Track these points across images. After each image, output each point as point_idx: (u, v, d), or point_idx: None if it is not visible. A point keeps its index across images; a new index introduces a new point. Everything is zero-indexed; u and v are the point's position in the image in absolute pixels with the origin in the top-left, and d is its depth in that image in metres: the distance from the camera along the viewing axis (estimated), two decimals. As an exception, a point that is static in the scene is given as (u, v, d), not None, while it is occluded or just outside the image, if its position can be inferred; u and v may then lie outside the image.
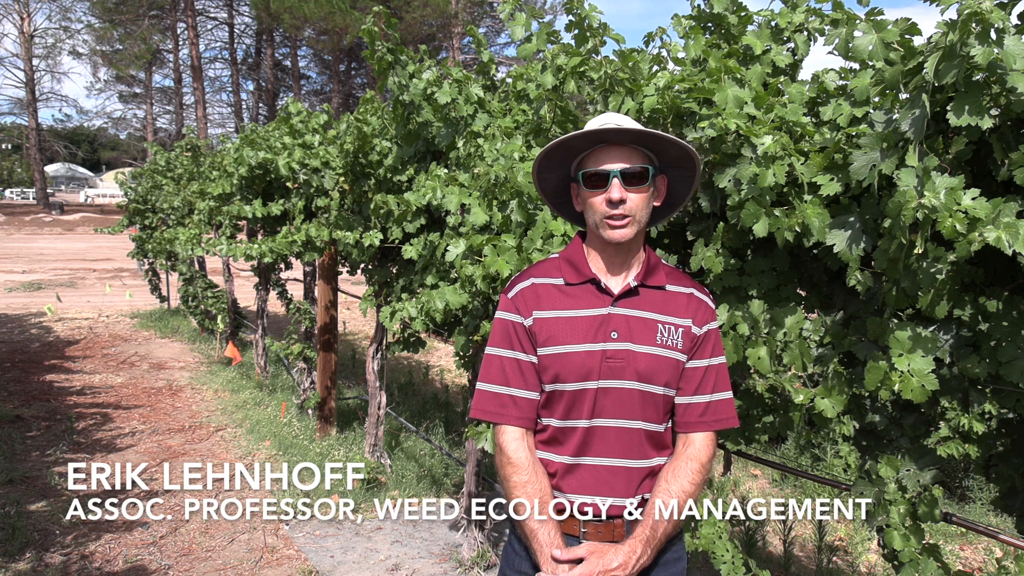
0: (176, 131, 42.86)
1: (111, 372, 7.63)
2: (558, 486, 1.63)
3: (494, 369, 1.65)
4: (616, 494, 1.60)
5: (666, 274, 1.67)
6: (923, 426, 1.92)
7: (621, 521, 1.61)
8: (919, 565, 1.81)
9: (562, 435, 1.62)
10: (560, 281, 1.65)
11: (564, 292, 1.64)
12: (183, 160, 8.72)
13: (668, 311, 1.62)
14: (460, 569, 3.70)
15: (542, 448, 1.65)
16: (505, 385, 1.63)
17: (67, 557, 3.65)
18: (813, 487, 5.12)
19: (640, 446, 1.61)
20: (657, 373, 1.59)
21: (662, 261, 1.71)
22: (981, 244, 1.45)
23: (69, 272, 16.79)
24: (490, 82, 3.48)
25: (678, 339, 1.61)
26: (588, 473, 1.60)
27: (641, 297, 1.63)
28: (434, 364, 8.89)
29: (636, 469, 1.61)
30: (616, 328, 1.59)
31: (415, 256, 3.30)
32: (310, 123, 5.05)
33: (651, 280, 1.64)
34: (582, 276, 1.64)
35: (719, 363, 1.66)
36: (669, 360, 1.60)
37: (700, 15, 2.27)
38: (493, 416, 1.63)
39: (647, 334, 1.60)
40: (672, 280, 1.67)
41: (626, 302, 1.62)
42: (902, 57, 1.70)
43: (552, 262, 1.70)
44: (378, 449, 4.88)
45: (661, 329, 1.60)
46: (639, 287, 1.63)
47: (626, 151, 1.57)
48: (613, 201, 1.54)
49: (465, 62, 30.00)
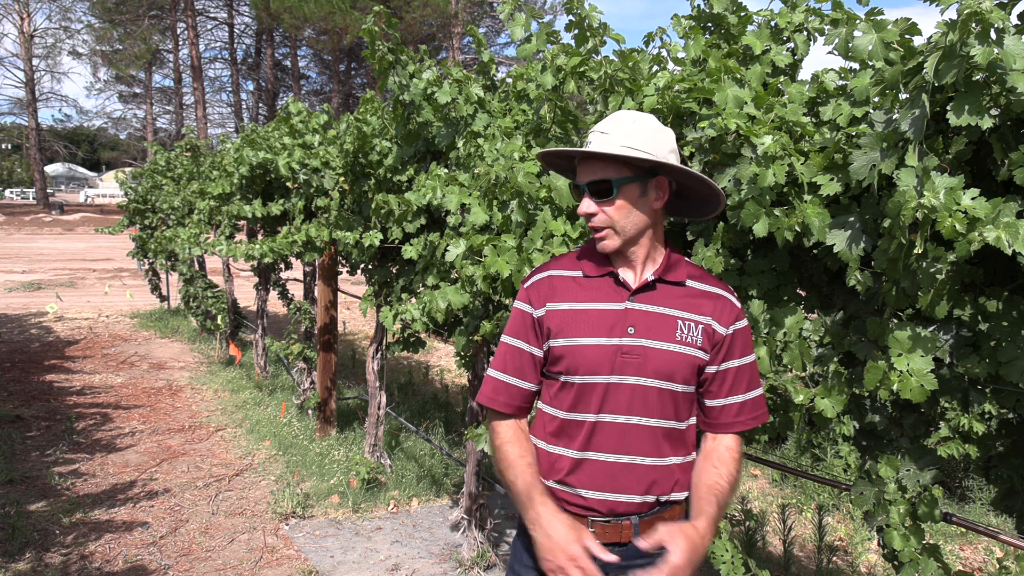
0: (176, 131, 42.86)
1: (111, 372, 7.63)
2: (567, 481, 1.62)
3: (501, 356, 1.70)
4: (625, 491, 1.59)
5: (688, 271, 1.66)
6: (923, 426, 1.92)
7: (629, 522, 1.60)
8: (919, 565, 1.81)
9: (569, 428, 1.62)
10: (579, 274, 1.66)
11: (581, 285, 1.64)
12: (183, 160, 8.72)
13: (688, 308, 1.61)
14: (460, 569, 3.70)
15: (552, 442, 1.65)
16: (506, 373, 1.68)
17: (67, 557, 3.65)
18: (813, 487, 5.12)
19: (654, 443, 1.59)
20: (676, 370, 1.57)
21: (685, 260, 1.69)
22: (981, 244, 1.45)
23: (69, 272, 16.79)
24: (490, 82, 3.48)
25: (698, 336, 1.59)
26: (596, 468, 1.59)
27: (659, 292, 1.61)
28: (434, 364, 8.89)
29: (648, 467, 1.59)
30: (634, 323, 1.58)
31: (415, 256, 3.30)
32: (310, 123, 5.05)
33: (671, 275, 1.62)
34: (601, 269, 1.64)
35: (750, 361, 1.65)
36: (687, 357, 1.58)
37: (700, 15, 2.27)
38: (492, 402, 1.68)
39: (666, 330, 1.58)
40: (695, 277, 1.65)
41: (644, 297, 1.60)
42: (902, 57, 1.70)
43: (572, 255, 1.72)
44: (378, 449, 4.88)
45: (680, 325, 1.59)
46: (656, 281, 1.61)
47: (600, 163, 1.58)
48: (584, 215, 1.59)
49: (465, 62, 30.02)
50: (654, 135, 1.58)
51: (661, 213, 1.64)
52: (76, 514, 4.13)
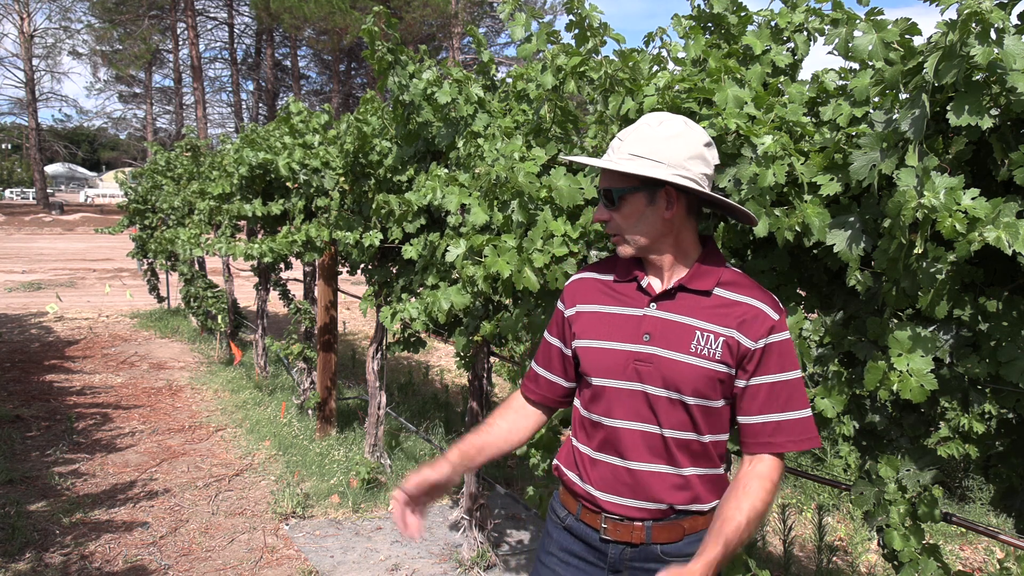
0: (176, 131, 42.85)
1: (111, 372, 7.63)
2: (584, 477, 1.66)
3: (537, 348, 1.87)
4: (633, 496, 1.58)
5: (721, 280, 1.57)
6: (923, 426, 1.92)
7: (641, 525, 1.59)
8: (919, 565, 1.81)
9: (588, 425, 1.66)
10: (610, 278, 1.68)
11: (609, 288, 1.66)
12: (183, 160, 8.72)
13: (712, 318, 1.53)
14: (460, 569, 3.70)
15: (579, 437, 1.70)
16: (536, 363, 1.81)
17: (67, 557, 3.65)
18: (813, 487, 5.12)
19: (667, 453, 1.56)
20: (685, 382, 1.51)
21: (725, 266, 1.60)
22: (981, 244, 1.45)
23: (69, 272, 16.78)
24: (490, 82, 3.48)
25: (717, 349, 1.51)
26: (607, 470, 1.61)
27: (678, 301, 1.56)
28: (434, 364, 8.89)
29: (657, 474, 1.57)
30: (649, 331, 1.56)
31: (415, 256, 3.30)
32: (310, 123, 5.05)
33: (695, 284, 1.56)
34: (628, 275, 1.64)
35: (788, 378, 1.53)
36: (701, 370, 1.51)
37: (700, 15, 2.27)
38: (521, 387, 1.82)
39: (681, 340, 1.53)
40: (727, 285, 1.56)
41: (665, 304, 1.57)
42: (902, 57, 1.70)
43: (610, 260, 1.74)
44: (378, 449, 4.88)
45: (698, 336, 1.52)
46: (677, 290, 1.57)
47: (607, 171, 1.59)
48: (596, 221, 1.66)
49: (465, 62, 30.01)
50: (668, 142, 1.51)
51: (683, 220, 1.57)
52: (76, 514, 4.13)
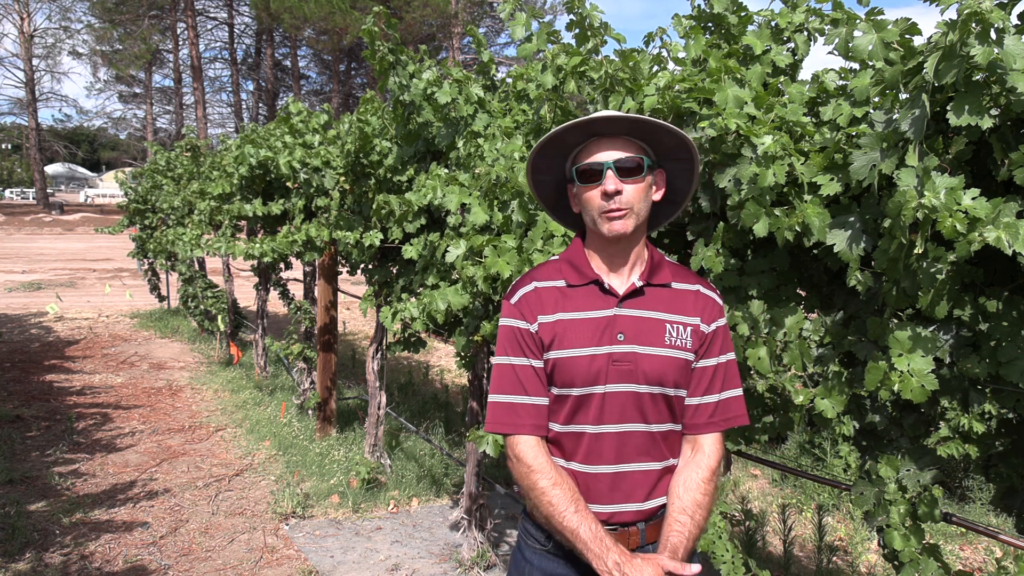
0: (176, 131, 42.85)
1: (111, 372, 7.63)
2: None
3: (505, 379, 1.60)
4: (627, 500, 1.57)
5: (671, 271, 1.63)
6: (923, 426, 1.92)
7: (636, 529, 1.59)
8: (919, 565, 1.81)
9: (566, 440, 1.58)
10: (562, 283, 1.61)
11: (566, 294, 1.59)
12: (183, 160, 8.73)
13: (676, 310, 1.58)
14: (460, 569, 3.70)
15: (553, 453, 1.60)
16: (515, 394, 1.58)
17: (67, 557, 3.65)
18: (813, 487, 5.12)
19: (653, 448, 1.57)
20: (666, 375, 1.54)
21: (666, 258, 1.67)
22: (981, 244, 1.45)
23: (69, 272, 16.78)
24: (490, 82, 3.48)
25: (687, 338, 1.57)
26: (595, 480, 1.56)
27: (647, 296, 1.58)
28: (434, 364, 8.89)
29: (648, 472, 1.58)
30: (623, 330, 1.55)
31: (415, 256, 3.30)
32: (310, 123, 5.05)
33: (656, 278, 1.60)
34: (584, 277, 1.59)
35: (728, 360, 1.62)
36: (678, 360, 1.56)
37: (700, 15, 2.27)
38: (507, 427, 1.58)
39: (655, 335, 1.55)
40: (678, 277, 1.63)
41: (632, 302, 1.57)
42: (902, 57, 1.70)
43: (553, 264, 1.66)
44: (378, 449, 4.88)
45: (669, 329, 1.56)
46: (644, 286, 1.58)
47: (620, 142, 1.54)
48: (608, 193, 1.50)
49: (465, 62, 30.01)
50: None
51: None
52: (76, 514, 4.13)
